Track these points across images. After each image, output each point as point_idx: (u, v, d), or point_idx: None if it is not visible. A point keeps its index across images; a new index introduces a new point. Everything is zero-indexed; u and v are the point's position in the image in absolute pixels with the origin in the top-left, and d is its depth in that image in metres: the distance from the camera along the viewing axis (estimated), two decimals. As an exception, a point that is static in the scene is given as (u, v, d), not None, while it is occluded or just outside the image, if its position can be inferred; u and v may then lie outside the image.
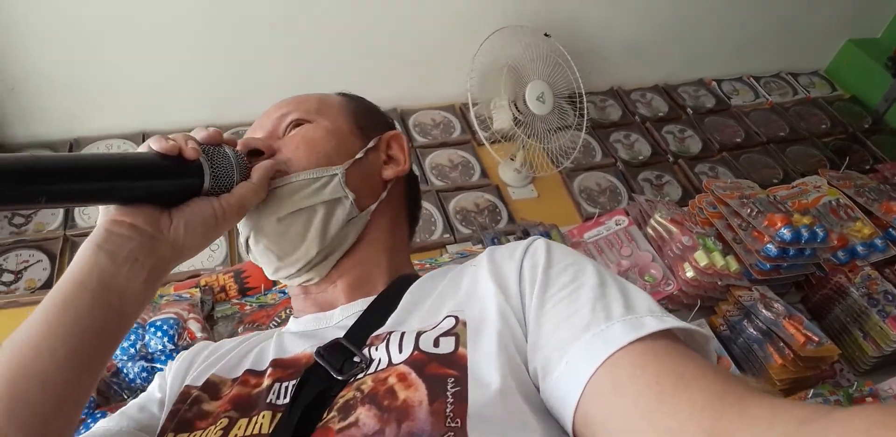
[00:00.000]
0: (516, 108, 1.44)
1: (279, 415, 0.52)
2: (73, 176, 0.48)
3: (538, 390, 0.48)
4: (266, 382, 0.57)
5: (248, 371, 0.60)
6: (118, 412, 0.63)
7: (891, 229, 1.36)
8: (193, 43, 1.46)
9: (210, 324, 1.13)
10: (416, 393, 0.46)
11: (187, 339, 1.02)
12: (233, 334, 1.08)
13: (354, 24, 1.53)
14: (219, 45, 1.48)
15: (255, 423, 0.52)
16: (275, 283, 1.20)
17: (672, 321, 0.46)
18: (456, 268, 0.63)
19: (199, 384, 0.61)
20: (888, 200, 1.42)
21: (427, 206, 1.47)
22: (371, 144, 0.69)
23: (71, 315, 0.47)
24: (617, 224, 1.37)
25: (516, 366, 0.48)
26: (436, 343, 0.50)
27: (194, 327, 1.04)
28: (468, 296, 0.56)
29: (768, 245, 1.21)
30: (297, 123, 0.67)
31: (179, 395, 0.61)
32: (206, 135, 0.59)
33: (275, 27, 1.48)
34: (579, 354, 0.45)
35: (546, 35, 1.46)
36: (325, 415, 0.49)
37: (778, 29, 1.96)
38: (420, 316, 0.57)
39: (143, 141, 0.58)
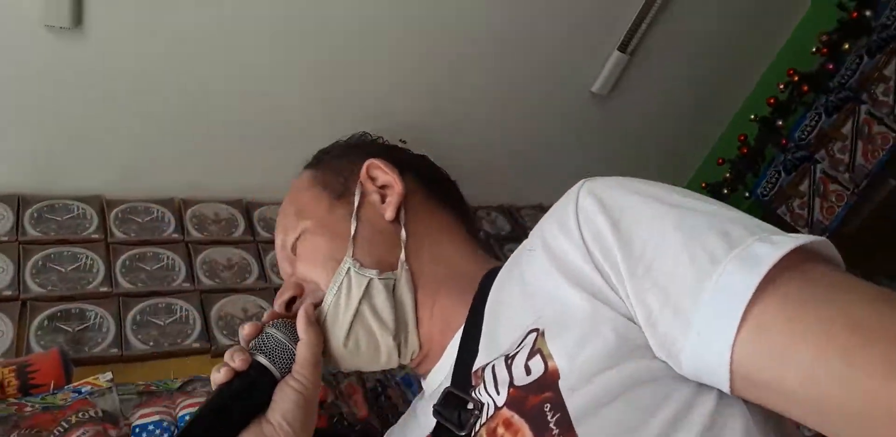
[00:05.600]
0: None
1: None
2: None
3: (669, 364, 0.44)
4: None
5: None
6: None
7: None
8: (19, 103, 1.32)
9: (-27, 428, 0.92)
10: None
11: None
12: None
13: (197, 109, 1.46)
14: (39, 110, 1.33)
15: None
16: (69, 381, 1.02)
17: (788, 242, 0.40)
18: (513, 260, 0.60)
19: None
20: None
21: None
22: (356, 202, 0.67)
23: None
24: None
25: (614, 351, 0.45)
26: (527, 371, 0.48)
27: (-52, 432, 0.84)
28: (539, 296, 0.52)
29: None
30: (294, 246, 0.67)
31: None
32: (246, 333, 0.61)
33: (110, 98, 1.35)
34: (707, 320, 0.40)
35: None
36: None
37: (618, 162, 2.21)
38: (504, 334, 0.54)
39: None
